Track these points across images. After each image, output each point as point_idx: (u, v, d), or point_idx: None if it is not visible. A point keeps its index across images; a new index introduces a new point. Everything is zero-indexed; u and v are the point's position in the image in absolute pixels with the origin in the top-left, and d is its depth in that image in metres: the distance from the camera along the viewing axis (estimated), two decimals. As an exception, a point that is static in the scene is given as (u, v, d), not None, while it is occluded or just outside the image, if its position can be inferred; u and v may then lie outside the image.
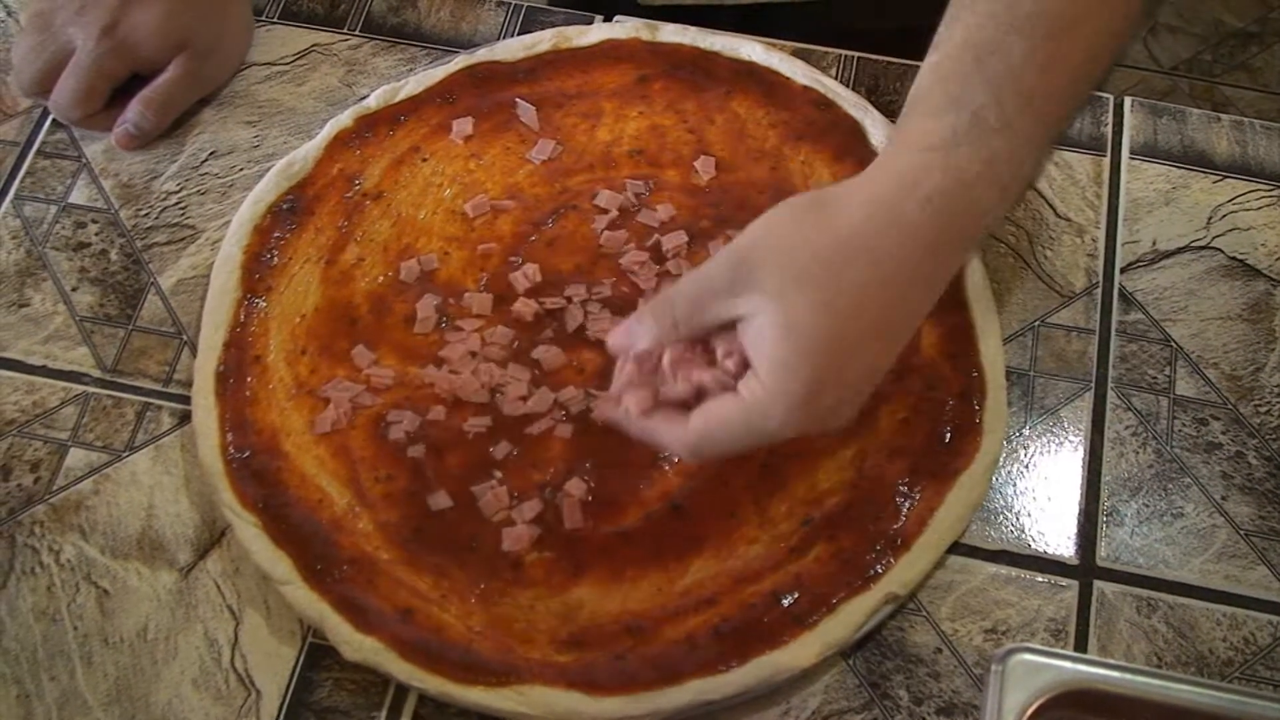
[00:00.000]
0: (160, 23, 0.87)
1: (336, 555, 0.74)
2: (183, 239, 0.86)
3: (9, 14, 0.97)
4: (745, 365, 0.65)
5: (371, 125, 0.88)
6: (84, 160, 0.90)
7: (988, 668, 0.65)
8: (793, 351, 0.62)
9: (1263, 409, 0.80)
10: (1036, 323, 0.83)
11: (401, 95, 0.89)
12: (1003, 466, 0.78)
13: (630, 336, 0.68)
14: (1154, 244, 0.85)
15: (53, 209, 0.88)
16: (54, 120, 0.91)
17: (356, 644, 0.72)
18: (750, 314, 0.64)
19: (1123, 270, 0.84)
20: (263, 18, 0.95)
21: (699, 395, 0.67)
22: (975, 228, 0.62)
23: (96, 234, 0.87)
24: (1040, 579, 0.76)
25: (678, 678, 0.70)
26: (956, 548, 0.76)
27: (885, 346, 0.65)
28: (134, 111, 0.88)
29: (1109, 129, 0.89)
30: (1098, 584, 0.76)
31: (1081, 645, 0.74)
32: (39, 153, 0.90)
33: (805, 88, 0.88)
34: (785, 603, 0.72)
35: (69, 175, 0.89)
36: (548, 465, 0.77)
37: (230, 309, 0.82)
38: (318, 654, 0.74)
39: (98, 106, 0.88)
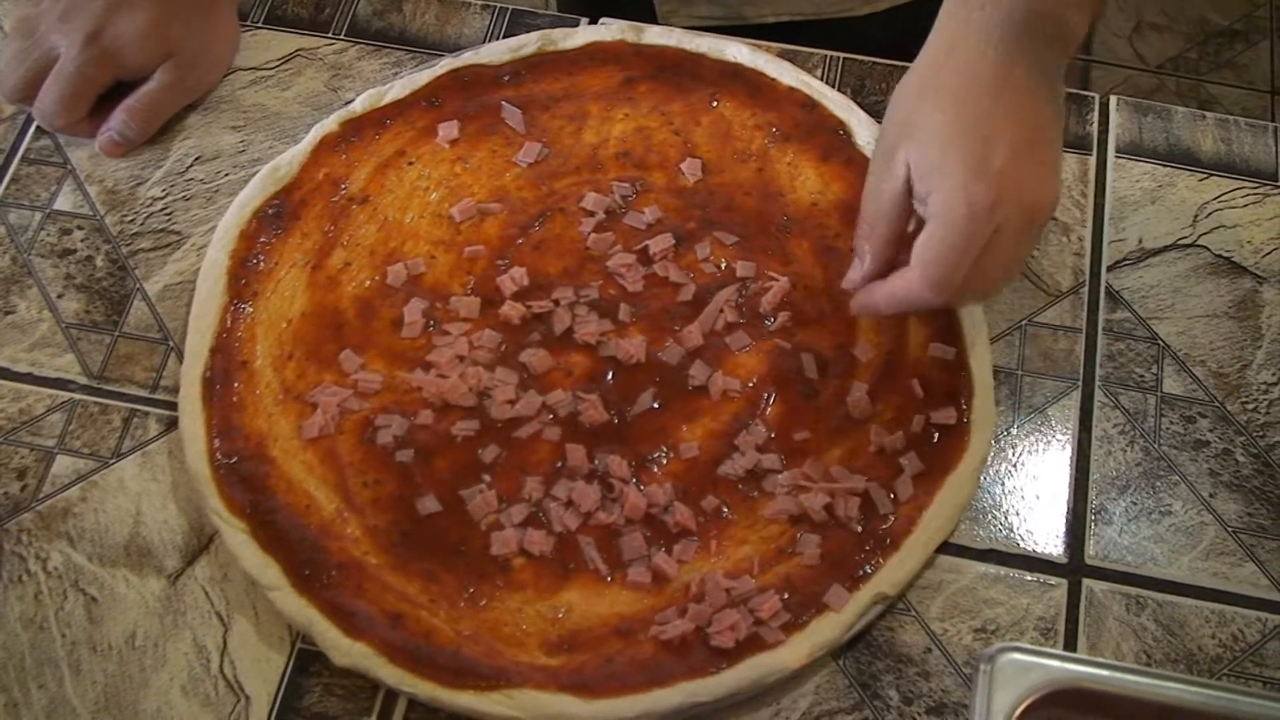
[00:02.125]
0: (145, 31, 0.87)
1: (325, 560, 0.74)
2: (168, 245, 0.86)
3: (-7, 20, 0.97)
4: None
5: (357, 129, 0.88)
6: (69, 167, 0.89)
7: (977, 667, 0.65)
8: (934, 143, 0.71)
9: (1249, 406, 0.80)
10: (1024, 322, 0.83)
11: (387, 99, 0.89)
12: (991, 466, 0.79)
13: (856, 271, 0.76)
14: (1140, 242, 0.86)
15: (38, 216, 0.88)
16: (38, 127, 0.91)
17: (345, 649, 0.71)
18: (907, 161, 0.72)
19: (1109, 269, 0.85)
20: (247, 22, 0.95)
21: None
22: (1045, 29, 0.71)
23: (82, 240, 0.87)
24: (1029, 578, 0.76)
25: (668, 680, 0.70)
26: (945, 547, 0.76)
27: (1021, 112, 0.71)
28: (118, 120, 0.88)
29: (1094, 128, 0.90)
30: (1086, 582, 0.76)
31: (1071, 644, 0.74)
32: (23, 159, 0.90)
33: (791, 89, 0.88)
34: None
35: (54, 182, 0.89)
36: (536, 468, 0.77)
37: (217, 314, 0.81)
38: (307, 659, 0.74)
39: (82, 114, 0.88)
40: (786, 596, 0.72)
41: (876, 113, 0.88)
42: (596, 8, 0.96)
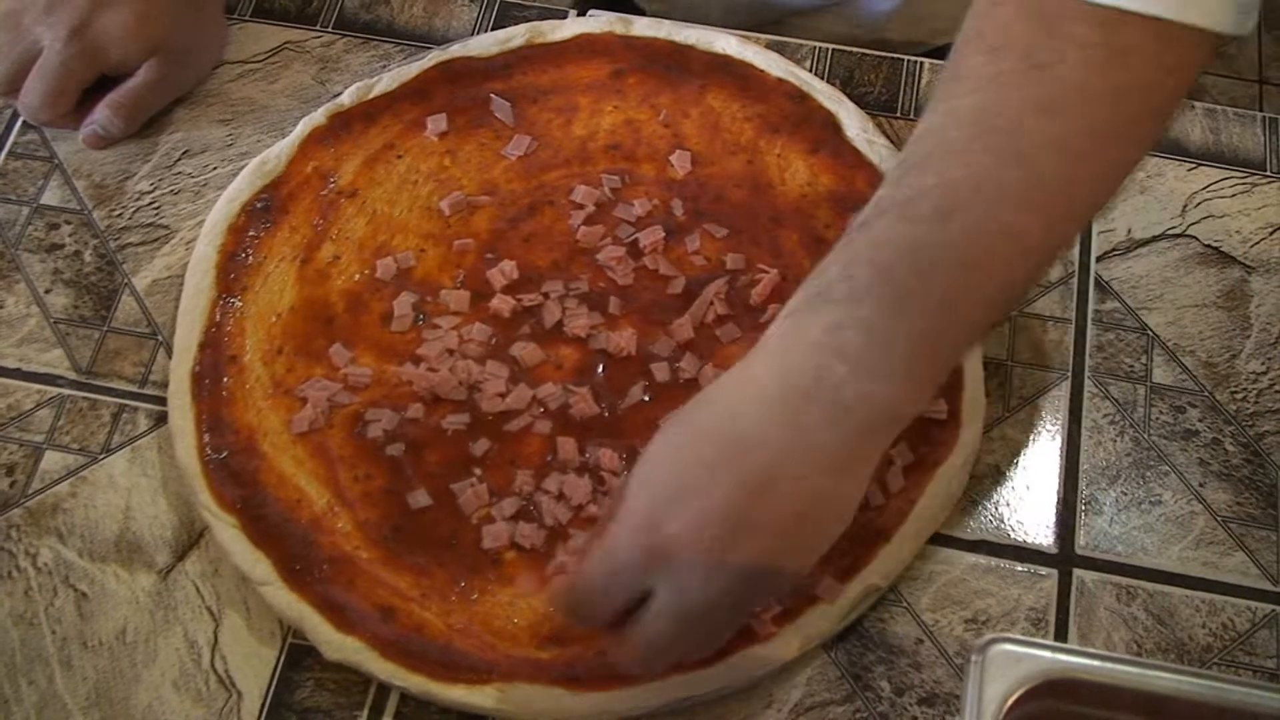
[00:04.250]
0: (131, 27, 0.86)
1: (316, 555, 0.74)
2: (157, 239, 0.86)
3: (-22, 14, 0.96)
4: None
5: (346, 123, 0.87)
6: (56, 161, 0.89)
7: (968, 658, 0.65)
8: (634, 480, 0.64)
9: (1239, 395, 0.80)
10: (1013, 312, 0.83)
11: (375, 92, 0.88)
12: (981, 457, 0.79)
13: None
14: (1129, 232, 0.86)
15: (25, 210, 0.87)
16: (25, 121, 0.90)
17: (337, 644, 0.71)
18: None
19: (1098, 259, 0.85)
20: (235, 15, 0.95)
21: None
22: (824, 393, 0.60)
23: (70, 235, 0.86)
24: (1020, 568, 0.76)
25: (660, 673, 0.70)
26: (936, 538, 0.76)
27: (735, 491, 0.61)
28: (102, 115, 0.88)
29: (1083, 118, 0.89)
30: (1077, 572, 0.76)
31: (1062, 634, 0.74)
32: (10, 154, 0.89)
33: (780, 80, 0.88)
34: (766, 596, 0.72)
35: (41, 176, 0.89)
36: (527, 462, 0.77)
37: (205, 309, 0.81)
38: (298, 654, 0.74)
39: (67, 108, 0.87)
40: (778, 588, 0.72)
41: (865, 104, 0.88)
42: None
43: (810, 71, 0.90)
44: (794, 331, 0.62)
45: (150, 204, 0.87)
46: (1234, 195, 0.87)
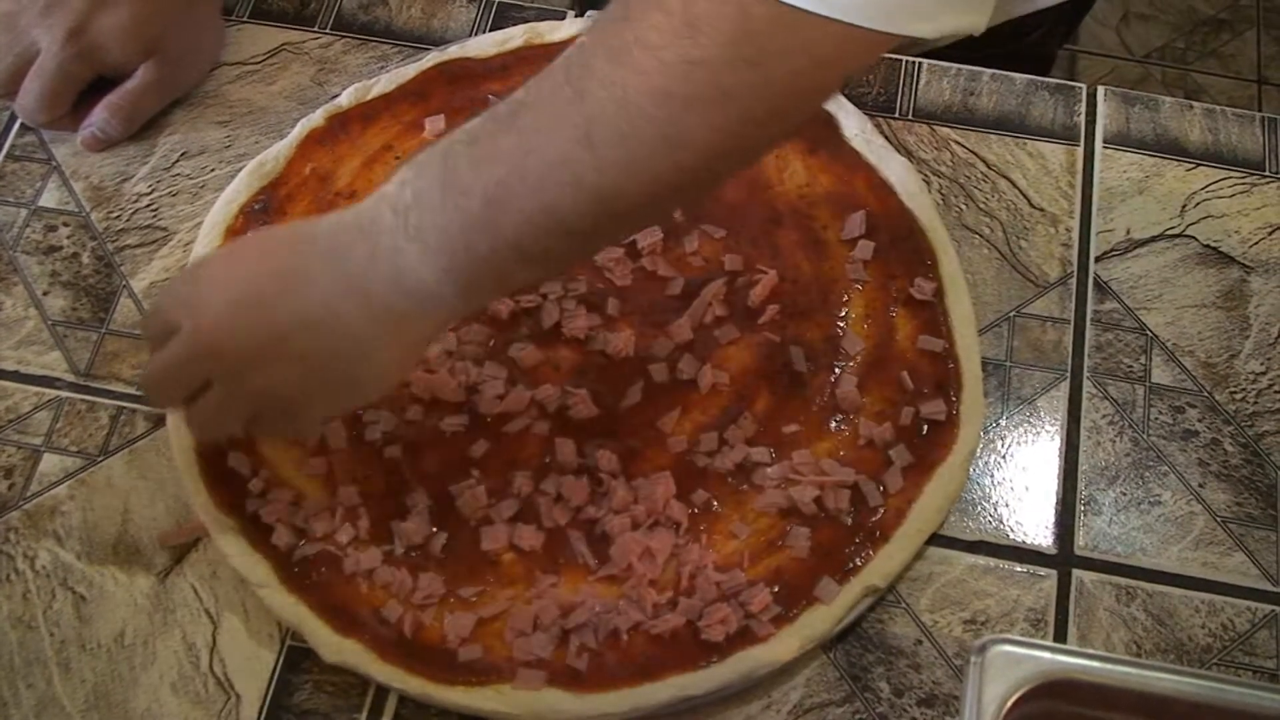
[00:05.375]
0: (128, 28, 0.86)
1: (314, 557, 0.74)
2: (155, 241, 0.86)
3: (-24, 16, 0.96)
4: None
5: (344, 124, 0.87)
6: (54, 163, 0.89)
7: (967, 659, 0.65)
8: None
9: (1238, 396, 0.80)
10: (1012, 313, 0.83)
11: (373, 93, 0.88)
12: (980, 457, 0.79)
13: None
14: (1128, 233, 0.86)
15: (23, 212, 0.87)
16: (23, 123, 0.90)
17: (335, 646, 0.71)
18: None
19: (1097, 259, 0.85)
20: (232, 17, 0.95)
21: None
22: (368, 231, 0.66)
23: (68, 237, 0.86)
24: (1019, 569, 0.76)
25: (658, 673, 0.70)
26: (935, 539, 0.76)
27: (259, 253, 0.71)
28: (100, 117, 0.88)
29: (1082, 118, 0.89)
30: (1076, 573, 0.76)
31: (1061, 634, 0.74)
32: (8, 156, 0.89)
33: (778, 81, 0.88)
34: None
35: (39, 178, 0.88)
36: (525, 463, 0.77)
37: (203, 311, 0.81)
38: (297, 656, 0.73)
39: (64, 109, 0.87)
40: (776, 589, 0.72)
41: (864, 105, 0.88)
42: None
43: (808, 72, 0.89)
44: (385, 181, 0.67)
45: (148, 206, 0.87)
46: (1233, 195, 0.87)
